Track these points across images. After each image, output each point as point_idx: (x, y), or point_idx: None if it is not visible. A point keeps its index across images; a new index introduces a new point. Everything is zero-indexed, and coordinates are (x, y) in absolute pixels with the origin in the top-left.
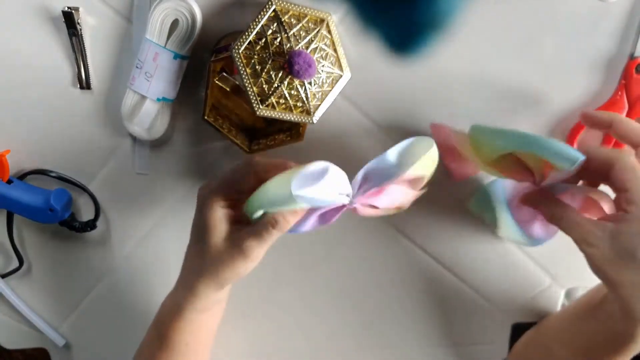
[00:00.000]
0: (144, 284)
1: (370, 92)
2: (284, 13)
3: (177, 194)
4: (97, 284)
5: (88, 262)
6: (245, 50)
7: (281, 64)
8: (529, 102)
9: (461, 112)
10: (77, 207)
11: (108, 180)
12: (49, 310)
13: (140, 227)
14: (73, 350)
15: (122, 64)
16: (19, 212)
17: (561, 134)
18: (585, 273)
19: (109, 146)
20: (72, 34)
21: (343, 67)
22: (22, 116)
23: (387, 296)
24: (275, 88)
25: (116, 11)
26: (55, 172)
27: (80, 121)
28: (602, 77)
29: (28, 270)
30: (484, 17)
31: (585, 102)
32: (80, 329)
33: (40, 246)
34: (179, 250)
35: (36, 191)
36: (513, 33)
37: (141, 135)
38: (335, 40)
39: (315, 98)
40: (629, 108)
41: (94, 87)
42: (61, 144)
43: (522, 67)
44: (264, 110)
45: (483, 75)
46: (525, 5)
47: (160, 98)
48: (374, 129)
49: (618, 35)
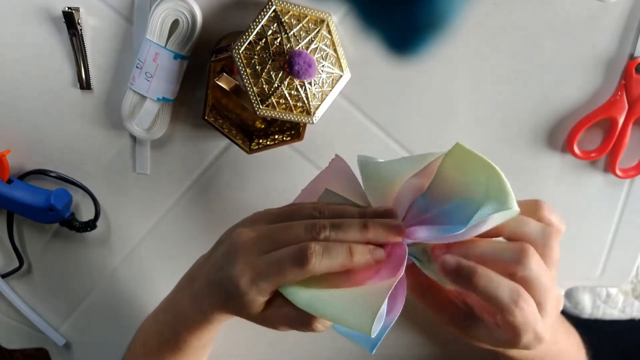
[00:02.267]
0: (144, 284)
1: (370, 92)
2: (284, 13)
3: (177, 194)
4: (97, 283)
5: (88, 262)
6: (245, 51)
7: (281, 64)
8: (529, 102)
9: (461, 112)
10: (77, 207)
11: (108, 180)
12: (49, 310)
13: (140, 227)
14: (73, 350)
15: (122, 64)
16: (19, 212)
17: (561, 134)
18: (585, 273)
19: (109, 146)
20: (73, 34)
21: (343, 67)
22: (22, 116)
23: None
24: (276, 88)
25: (116, 11)
26: (55, 172)
27: (81, 121)
28: (602, 77)
29: (28, 270)
30: (483, 17)
31: (585, 102)
32: (80, 329)
33: (40, 246)
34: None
35: (36, 191)
36: (513, 33)
37: (141, 135)
38: (335, 41)
39: (315, 98)
40: (628, 108)
41: (94, 87)
42: (61, 144)
43: (522, 67)
44: (264, 110)
45: (483, 76)
46: (525, 5)
47: (160, 98)
48: (374, 129)
49: (618, 35)
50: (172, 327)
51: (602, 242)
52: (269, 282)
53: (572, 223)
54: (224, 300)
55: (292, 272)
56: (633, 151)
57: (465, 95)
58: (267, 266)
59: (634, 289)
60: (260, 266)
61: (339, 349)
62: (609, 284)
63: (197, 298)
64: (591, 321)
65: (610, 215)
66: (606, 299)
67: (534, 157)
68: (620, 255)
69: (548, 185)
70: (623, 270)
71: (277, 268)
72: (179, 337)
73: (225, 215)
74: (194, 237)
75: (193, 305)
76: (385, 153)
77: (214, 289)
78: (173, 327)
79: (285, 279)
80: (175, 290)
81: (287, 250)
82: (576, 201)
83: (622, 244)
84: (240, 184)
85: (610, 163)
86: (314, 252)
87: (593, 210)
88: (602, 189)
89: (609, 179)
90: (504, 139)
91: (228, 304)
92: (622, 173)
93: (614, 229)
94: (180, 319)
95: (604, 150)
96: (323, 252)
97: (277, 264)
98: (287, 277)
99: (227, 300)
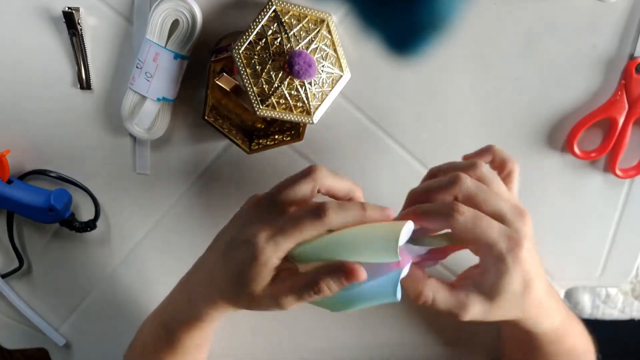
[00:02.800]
0: (144, 284)
1: (371, 92)
2: (284, 13)
3: (177, 194)
4: (97, 284)
5: (88, 262)
6: (245, 51)
7: (281, 64)
8: (528, 102)
9: (461, 112)
10: (77, 207)
11: (108, 180)
12: (49, 310)
13: (140, 227)
14: (73, 350)
15: (122, 64)
16: (19, 212)
17: (561, 134)
18: (584, 273)
19: (109, 146)
20: (73, 34)
21: (343, 67)
22: (22, 116)
23: None
24: (276, 88)
25: (116, 11)
26: (55, 172)
27: (81, 121)
28: (602, 77)
29: (28, 270)
30: (483, 17)
31: (585, 102)
32: (80, 329)
33: (40, 246)
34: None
35: (36, 191)
36: (513, 33)
37: (141, 135)
38: (335, 41)
39: (315, 98)
40: (628, 108)
41: (94, 87)
42: (61, 144)
43: (522, 67)
44: (264, 110)
45: (482, 76)
46: (525, 5)
47: (160, 98)
48: (374, 129)
49: (618, 35)
50: (166, 326)
51: (602, 242)
52: (286, 238)
53: (572, 223)
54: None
55: (310, 226)
56: (633, 151)
57: (465, 95)
58: (284, 222)
59: (634, 289)
60: (278, 223)
61: (338, 348)
62: (609, 284)
63: (191, 295)
64: (591, 321)
65: (610, 215)
66: (606, 299)
67: (534, 157)
68: (620, 255)
69: (548, 185)
70: (623, 270)
71: (295, 223)
72: (173, 336)
73: (225, 215)
74: (194, 237)
75: (187, 303)
76: (385, 153)
77: (227, 264)
78: (167, 327)
79: (303, 234)
80: (172, 291)
81: (303, 208)
82: (576, 201)
83: (622, 244)
84: (240, 184)
85: (610, 163)
86: (330, 206)
87: (593, 210)
88: (602, 189)
89: (609, 179)
90: (504, 139)
91: (238, 280)
92: (622, 173)
93: (614, 229)
94: (174, 318)
95: (604, 150)
96: (338, 207)
97: (294, 219)
98: (305, 232)
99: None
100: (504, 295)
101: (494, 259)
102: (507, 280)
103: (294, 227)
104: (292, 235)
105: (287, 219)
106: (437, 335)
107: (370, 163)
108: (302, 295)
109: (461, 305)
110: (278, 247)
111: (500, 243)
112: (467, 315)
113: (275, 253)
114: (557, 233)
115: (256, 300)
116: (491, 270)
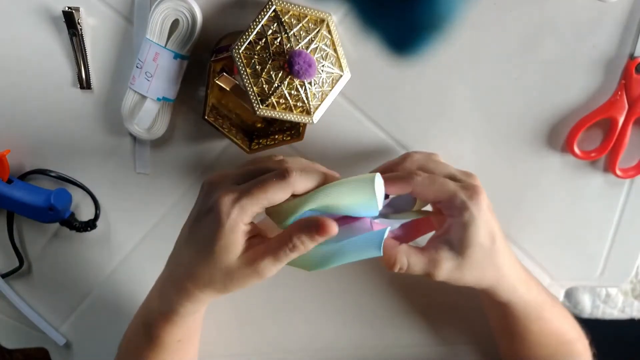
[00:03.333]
0: (143, 284)
1: (370, 92)
2: (284, 13)
3: (177, 193)
4: (97, 283)
5: (88, 262)
6: (245, 50)
7: (281, 64)
8: (529, 102)
9: (461, 112)
10: (77, 207)
11: (108, 180)
12: (49, 309)
13: (140, 227)
14: (73, 349)
15: (122, 64)
16: (19, 211)
17: (561, 134)
18: (584, 273)
19: (109, 146)
20: (73, 34)
21: (343, 67)
22: (22, 116)
23: (387, 295)
24: (276, 88)
25: (116, 11)
26: (55, 172)
27: (81, 121)
28: (602, 77)
29: (28, 270)
30: (483, 17)
31: (585, 102)
32: (80, 329)
33: (40, 246)
34: None
35: (36, 191)
36: (513, 33)
37: (141, 135)
38: (335, 41)
39: (315, 98)
40: (628, 108)
41: (94, 87)
42: (61, 144)
43: (522, 67)
44: (264, 110)
45: (482, 76)
46: (525, 5)
47: (160, 98)
48: (374, 129)
49: (618, 35)
50: (145, 324)
51: (602, 242)
52: (251, 200)
53: (572, 223)
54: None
55: (274, 187)
56: (633, 151)
57: (465, 95)
58: (248, 185)
59: (634, 289)
60: (242, 187)
61: (338, 349)
62: (609, 284)
63: (163, 287)
64: (591, 321)
65: (610, 215)
66: (606, 299)
67: (534, 157)
68: (620, 255)
69: (548, 185)
70: (623, 270)
71: (259, 184)
72: (151, 333)
73: None
74: None
75: (158, 298)
76: (384, 153)
77: (192, 240)
78: (145, 324)
79: (268, 196)
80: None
81: (267, 173)
82: (576, 201)
83: (622, 244)
84: None
85: (610, 163)
86: (293, 170)
87: (593, 210)
88: (602, 189)
89: (609, 179)
90: (504, 139)
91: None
92: (622, 173)
93: (614, 229)
94: (149, 314)
95: (604, 150)
96: (301, 169)
97: (258, 181)
98: (270, 193)
99: (204, 247)
100: (473, 247)
101: (458, 210)
102: (473, 230)
103: (259, 188)
104: (257, 196)
105: (252, 183)
106: (436, 335)
107: (370, 163)
108: (278, 255)
109: (433, 263)
110: (243, 210)
111: (460, 193)
112: (440, 271)
113: (241, 217)
114: (557, 233)
115: (230, 274)
116: (457, 223)
